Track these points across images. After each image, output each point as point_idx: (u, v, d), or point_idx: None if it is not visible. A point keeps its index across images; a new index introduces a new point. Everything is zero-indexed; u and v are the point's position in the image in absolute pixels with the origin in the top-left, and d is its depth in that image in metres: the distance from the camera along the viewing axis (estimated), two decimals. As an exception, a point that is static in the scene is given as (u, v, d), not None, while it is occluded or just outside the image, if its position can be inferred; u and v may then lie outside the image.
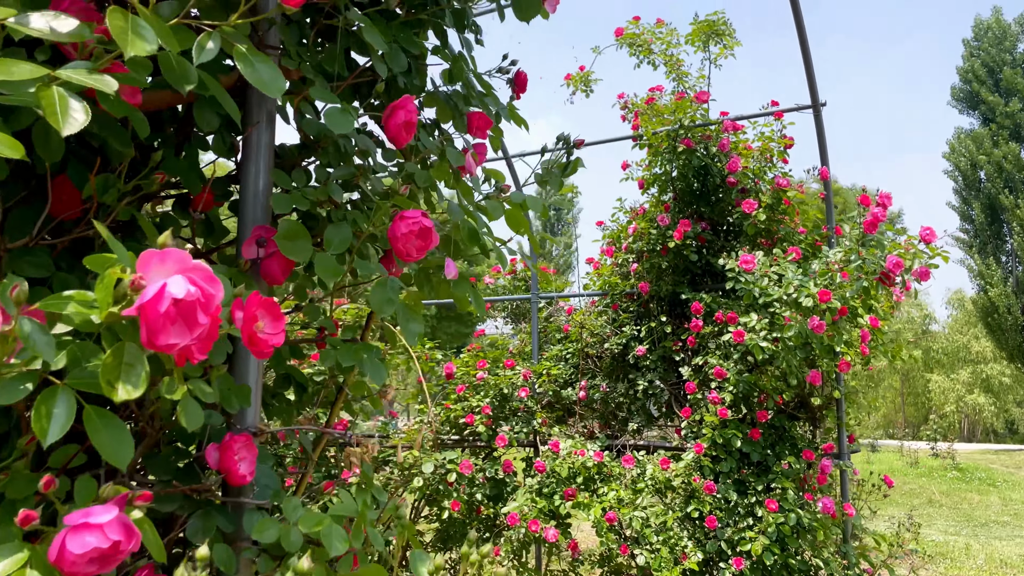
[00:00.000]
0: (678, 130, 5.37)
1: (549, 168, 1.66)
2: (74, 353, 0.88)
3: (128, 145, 1.08)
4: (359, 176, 1.28)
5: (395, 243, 1.17)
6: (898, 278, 4.11)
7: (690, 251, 5.39)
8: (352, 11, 1.23)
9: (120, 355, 0.84)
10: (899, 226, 4.67)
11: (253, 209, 1.27)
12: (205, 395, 0.99)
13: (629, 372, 5.79)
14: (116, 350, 0.84)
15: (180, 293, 0.78)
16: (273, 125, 1.32)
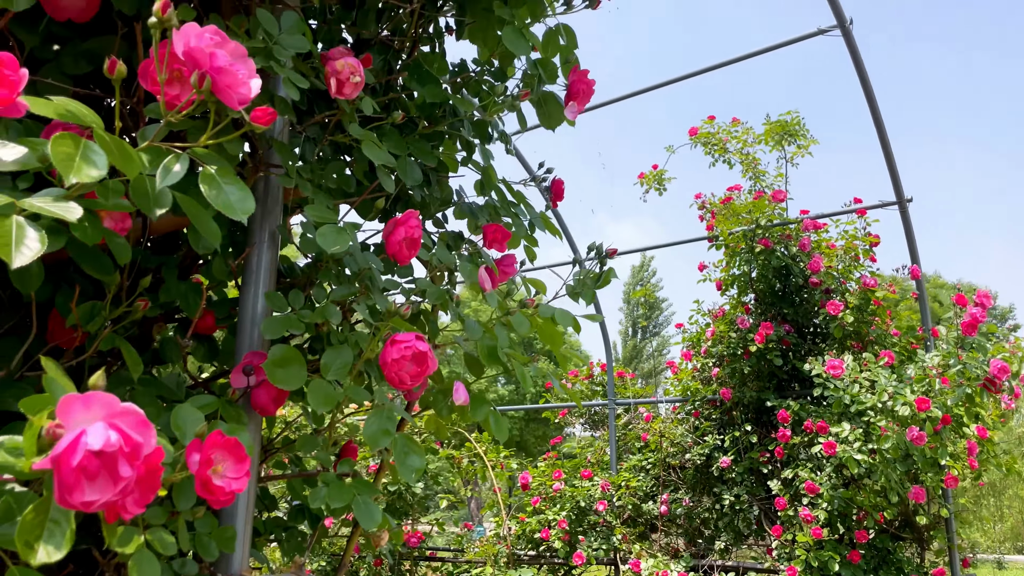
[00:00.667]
0: (755, 230, 5.19)
1: (583, 279, 1.55)
2: (8, 504, 0.80)
3: (110, 272, 1.03)
4: (362, 295, 1.20)
5: (386, 369, 1.07)
6: (1005, 383, 3.74)
7: (774, 355, 5.11)
8: (353, 126, 1.19)
9: (44, 511, 0.76)
10: (1011, 323, 4.31)
11: (250, 334, 1.21)
12: (166, 546, 0.89)
13: (714, 485, 5.43)
14: (40, 505, 0.76)
15: (98, 444, 0.69)
16: (276, 245, 1.27)
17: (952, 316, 3.91)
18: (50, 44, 1.22)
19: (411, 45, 1.47)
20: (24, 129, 1.07)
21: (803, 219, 5.15)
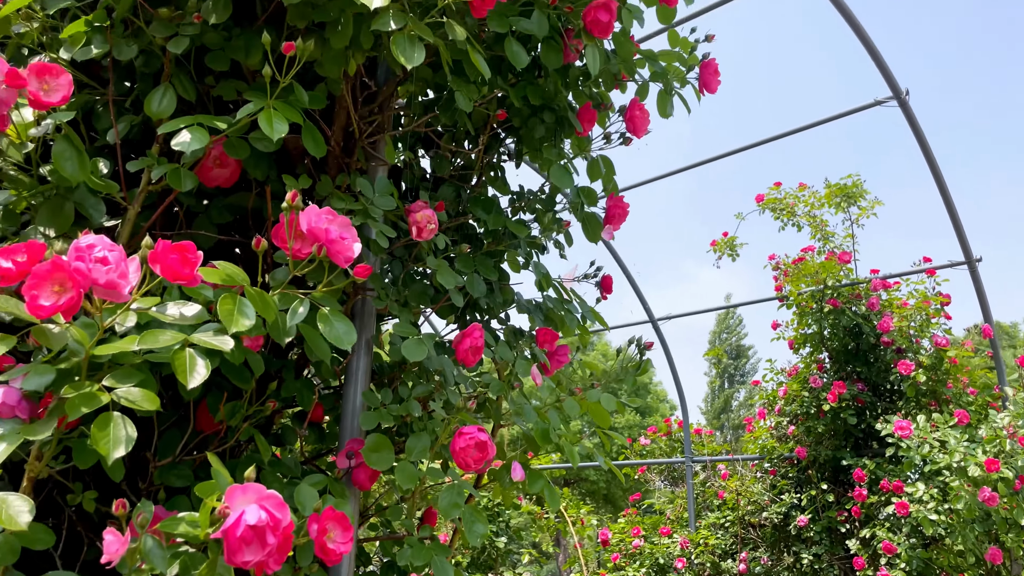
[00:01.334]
0: (824, 290, 5.30)
1: (625, 366, 1.81)
2: (185, 563, 1.11)
3: (248, 381, 1.36)
4: (437, 390, 1.50)
5: (455, 456, 1.36)
6: (1078, 446, 3.74)
7: (848, 414, 5.17)
8: (429, 259, 1.50)
9: (213, 568, 1.07)
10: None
11: (351, 423, 1.52)
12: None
13: (793, 544, 5.46)
14: (210, 563, 1.06)
15: (253, 520, 0.99)
16: (371, 351, 1.58)
17: (1018, 377, 3.94)
18: (201, 200, 1.59)
19: (477, 178, 1.79)
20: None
21: (872, 279, 5.24)
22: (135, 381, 1.14)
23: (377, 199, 1.43)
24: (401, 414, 1.43)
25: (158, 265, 1.09)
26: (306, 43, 1.29)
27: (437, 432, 1.46)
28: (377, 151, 1.61)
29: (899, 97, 4.34)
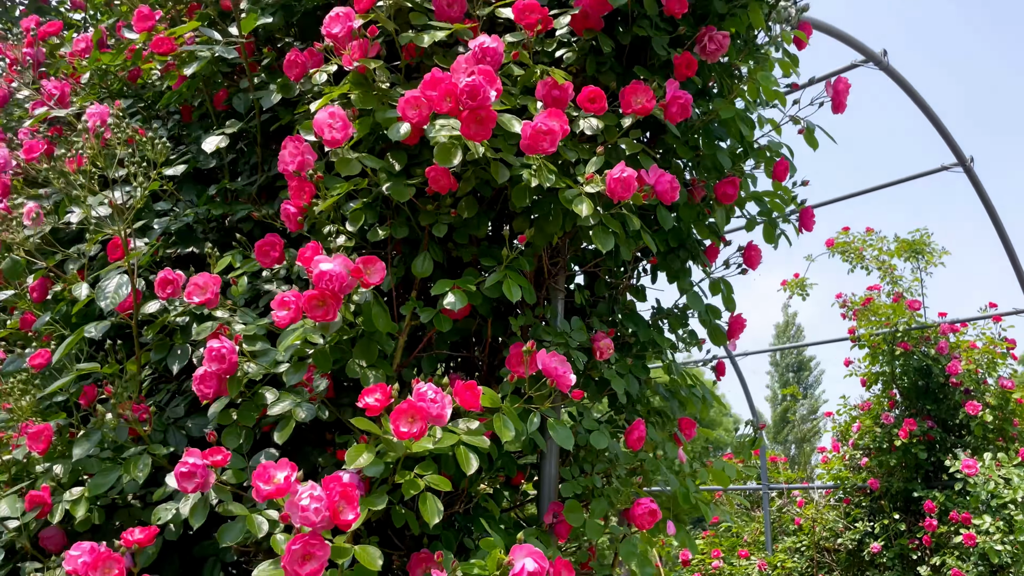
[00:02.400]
0: (895, 333, 5.71)
1: (742, 442, 2.32)
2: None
3: (487, 465, 1.93)
4: (613, 468, 2.05)
5: (634, 520, 1.91)
6: None
7: (919, 448, 5.56)
8: (605, 368, 2.06)
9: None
10: None
11: (548, 489, 2.08)
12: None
13: (866, 569, 5.86)
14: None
15: (532, 568, 1.55)
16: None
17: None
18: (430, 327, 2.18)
19: (624, 298, 2.35)
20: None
21: (940, 323, 5.63)
22: (432, 470, 1.72)
23: (574, 333, 2.01)
24: (587, 485, 2.00)
25: (458, 396, 1.68)
26: (529, 231, 1.88)
27: (611, 498, 2.02)
28: (558, 285, 2.19)
29: (964, 164, 4.76)
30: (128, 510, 2.10)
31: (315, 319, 1.74)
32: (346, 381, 2.09)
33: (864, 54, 3.99)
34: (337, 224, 2.04)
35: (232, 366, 1.81)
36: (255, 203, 2.42)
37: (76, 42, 2.93)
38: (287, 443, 1.82)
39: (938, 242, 5.72)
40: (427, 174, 1.85)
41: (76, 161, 2.19)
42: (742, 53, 2.21)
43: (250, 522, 1.68)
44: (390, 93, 1.93)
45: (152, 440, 1.99)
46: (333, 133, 1.79)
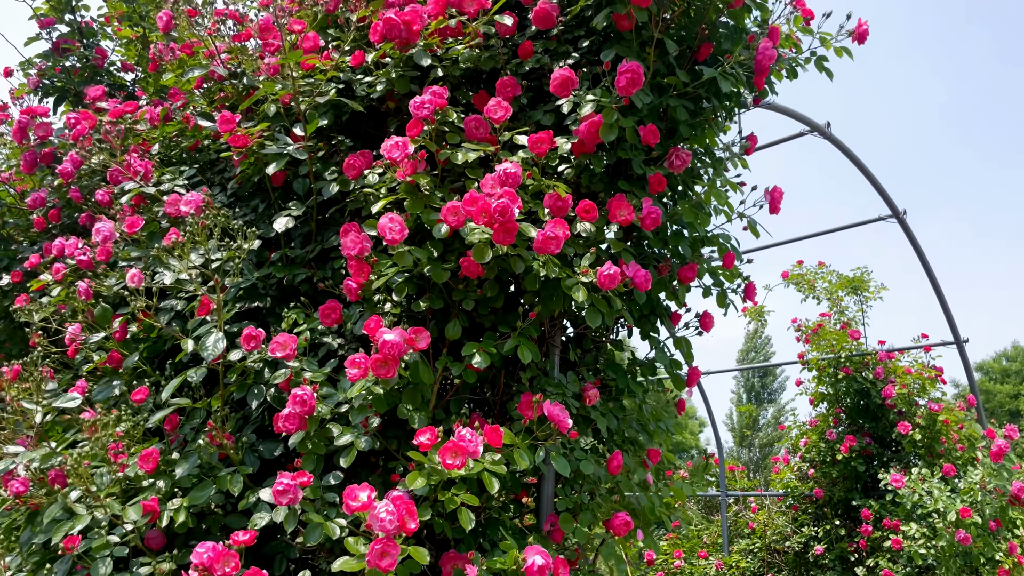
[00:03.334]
0: (839, 359, 6.40)
1: (697, 465, 2.93)
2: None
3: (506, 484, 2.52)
4: (596, 488, 2.65)
5: (614, 529, 2.51)
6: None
7: (858, 462, 6.25)
8: (592, 411, 2.67)
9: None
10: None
11: (547, 505, 2.66)
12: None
13: (811, 569, 6.55)
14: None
15: (541, 563, 2.13)
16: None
17: (985, 445, 5.01)
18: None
19: (605, 351, 2.95)
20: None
21: (878, 351, 6.33)
22: (463, 490, 2.31)
23: (569, 385, 2.61)
24: (577, 501, 2.60)
25: (486, 437, 2.27)
26: (537, 307, 2.47)
27: (594, 511, 2.62)
28: (555, 343, 2.78)
29: (898, 216, 5.45)
30: (213, 517, 2.65)
31: (378, 375, 2.32)
32: (387, 417, 2.66)
33: (811, 126, 4.64)
34: (385, 295, 2.63)
35: (311, 408, 2.38)
36: (310, 267, 2.99)
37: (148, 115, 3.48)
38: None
39: (877, 279, 6.43)
40: (460, 263, 2.44)
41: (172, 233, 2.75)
42: (703, 161, 2.83)
43: (327, 528, 2.26)
44: (432, 197, 2.51)
45: (229, 464, 2.56)
46: (392, 235, 2.37)
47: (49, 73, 4.07)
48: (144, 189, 3.04)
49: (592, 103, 2.49)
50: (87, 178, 3.64)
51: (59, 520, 2.51)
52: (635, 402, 2.92)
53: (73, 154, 3.53)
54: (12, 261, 4.10)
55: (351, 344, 2.77)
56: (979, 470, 5.15)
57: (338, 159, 2.99)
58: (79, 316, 3.11)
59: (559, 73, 2.53)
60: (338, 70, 2.92)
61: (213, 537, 2.58)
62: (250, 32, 3.05)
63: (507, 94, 2.66)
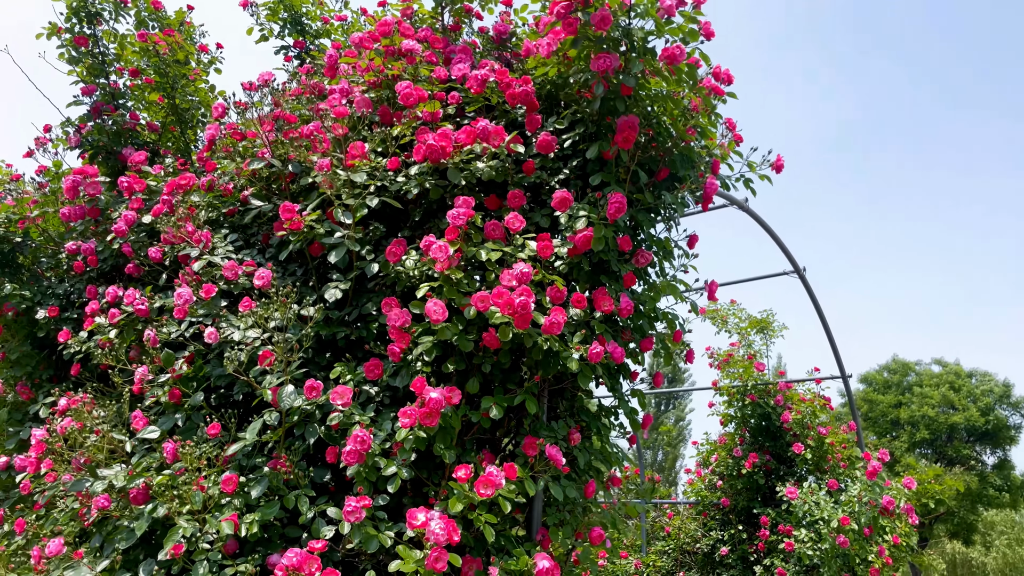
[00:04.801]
0: (745, 387, 7.46)
1: (644, 487, 3.80)
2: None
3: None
4: (575, 507, 3.48)
5: (591, 539, 3.34)
6: (896, 510, 5.94)
7: (759, 476, 7.32)
8: (573, 448, 3.50)
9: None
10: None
11: (536, 520, 3.47)
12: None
13: (717, 567, 7.58)
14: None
15: (547, 566, 2.91)
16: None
17: (861, 466, 6.12)
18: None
19: (582, 400, 3.79)
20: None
21: (778, 382, 7.42)
22: (485, 510, 3.09)
23: (559, 431, 3.42)
24: (561, 517, 3.42)
25: (506, 472, 3.06)
26: (539, 371, 3.29)
27: (574, 526, 3.45)
28: (544, 395, 3.60)
29: (798, 271, 6.52)
30: (274, 528, 3.35)
31: (424, 423, 3.08)
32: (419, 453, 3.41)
33: (732, 202, 5.60)
34: (419, 357, 3.39)
35: (368, 446, 3.12)
36: (349, 326, 3.71)
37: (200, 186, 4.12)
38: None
39: (780, 320, 7.53)
40: (484, 337, 3.23)
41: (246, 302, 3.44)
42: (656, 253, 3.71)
43: (381, 538, 3.01)
44: (462, 285, 3.29)
45: (288, 486, 3.27)
46: (436, 316, 3.13)
47: (92, 134, 4.61)
48: (210, 258, 3.69)
49: (584, 219, 3.32)
50: (133, 234, 4.24)
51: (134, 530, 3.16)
52: (598, 439, 3.76)
53: (127, 214, 4.13)
54: (44, 296, 4.63)
55: (386, 392, 3.51)
56: (857, 485, 6.25)
57: (370, 238, 3.72)
58: (145, 359, 3.74)
59: (560, 194, 3.35)
60: (375, 169, 3.65)
61: (275, 546, 3.29)
62: (302, 132, 3.74)
63: (516, 204, 3.47)
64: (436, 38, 4.13)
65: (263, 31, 5.26)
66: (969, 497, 30.72)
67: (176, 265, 4.14)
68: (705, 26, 3.36)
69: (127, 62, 4.77)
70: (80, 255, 4.43)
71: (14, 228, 4.58)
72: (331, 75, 4.25)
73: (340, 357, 3.67)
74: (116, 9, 4.66)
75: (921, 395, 34.81)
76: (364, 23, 5.14)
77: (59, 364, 4.73)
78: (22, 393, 4.52)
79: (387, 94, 3.94)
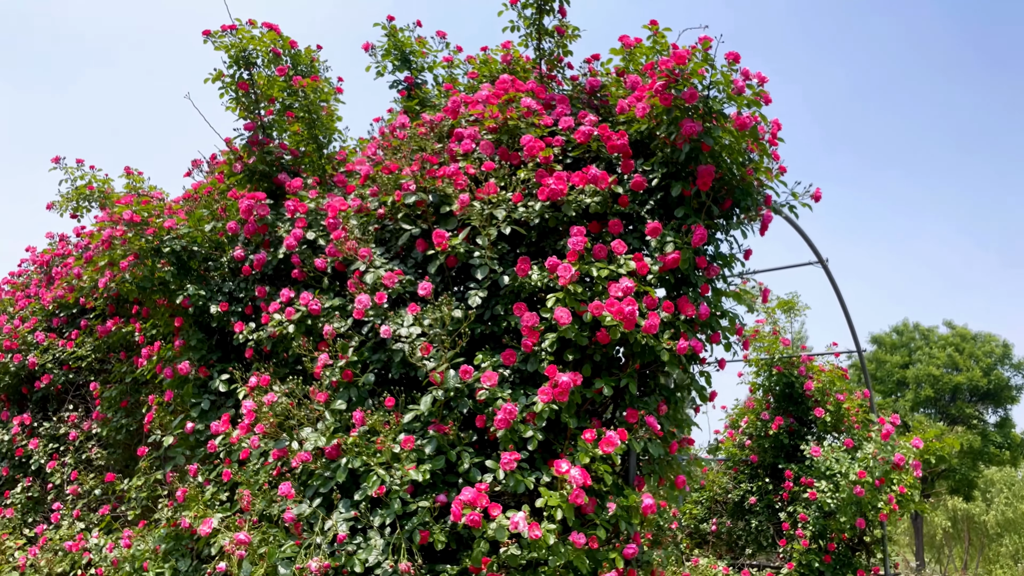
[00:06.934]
0: (772, 359, 8.57)
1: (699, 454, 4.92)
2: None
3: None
4: (660, 461, 4.58)
5: (677, 484, 4.44)
6: (906, 465, 7.08)
7: (784, 436, 8.46)
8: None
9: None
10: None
11: (633, 470, 4.55)
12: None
13: (746, 514, 8.76)
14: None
15: (650, 502, 4.01)
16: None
17: (876, 428, 7.25)
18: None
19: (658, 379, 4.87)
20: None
21: (801, 354, 8.52)
22: (603, 463, 4.21)
23: (651, 403, 4.52)
24: (650, 469, 4.54)
25: (618, 435, 4.17)
26: (634, 360, 4.39)
27: (660, 475, 4.57)
28: (633, 376, 4.69)
29: (821, 261, 7.57)
30: (439, 476, 4.46)
31: (557, 399, 4.18)
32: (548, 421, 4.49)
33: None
34: (544, 348, 4.47)
35: (513, 415, 4.22)
36: (484, 324, 4.78)
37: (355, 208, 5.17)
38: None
39: (804, 302, 8.60)
40: (597, 335, 4.31)
41: (413, 307, 4.52)
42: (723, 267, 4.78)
43: (528, 482, 4.13)
44: (580, 296, 4.36)
45: (449, 444, 4.39)
46: (564, 320, 4.21)
47: (257, 164, 5.67)
48: (378, 271, 4.77)
49: (672, 244, 4.39)
50: (299, 247, 5.31)
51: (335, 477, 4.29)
52: (675, 410, 4.87)
53: (296, 231, 5.20)
54: (213, 294, 5.73)
55: (516, 374, 4.60)
56: (872, 445, 7.38)
57: (498, 255, 4.78)
58: (328, 349, 4.84)
59: (652, 225, 4.41)
60: (502, 201, 4.71)
61: (439, 488, 4.41)
62: (445, 172, 4.79)
63: (616, 230, 4.53)
64: (540, 89, 5.15)
65: (378, 68, 6.28)
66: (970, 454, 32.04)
67: (335, 272, 5.22)
68: (765, 96, 4.38)
69: (277, 98, 5.80)
70: (247, 261, 5.51)
71: (190, 238, 5.66)
72: (453, 116, 5.28)
73: (476, 348, 4.75)
74: (268, 59, 5.69)
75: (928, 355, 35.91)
76: (466, 62, 6.14)
77: (225, 348, 5.84)
78: (201, 372, 5.64)
79: (506, 138, 4.97)
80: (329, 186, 5.92)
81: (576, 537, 3.94)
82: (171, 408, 5.80)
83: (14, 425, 7.52)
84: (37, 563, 6.28)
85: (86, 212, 7.27)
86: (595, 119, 4.78)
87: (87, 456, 7.06)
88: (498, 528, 3.94)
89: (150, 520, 5.87)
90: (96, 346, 7.20)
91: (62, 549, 6.31)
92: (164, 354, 5.87)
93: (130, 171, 7.44)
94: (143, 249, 5.48)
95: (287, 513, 4.40)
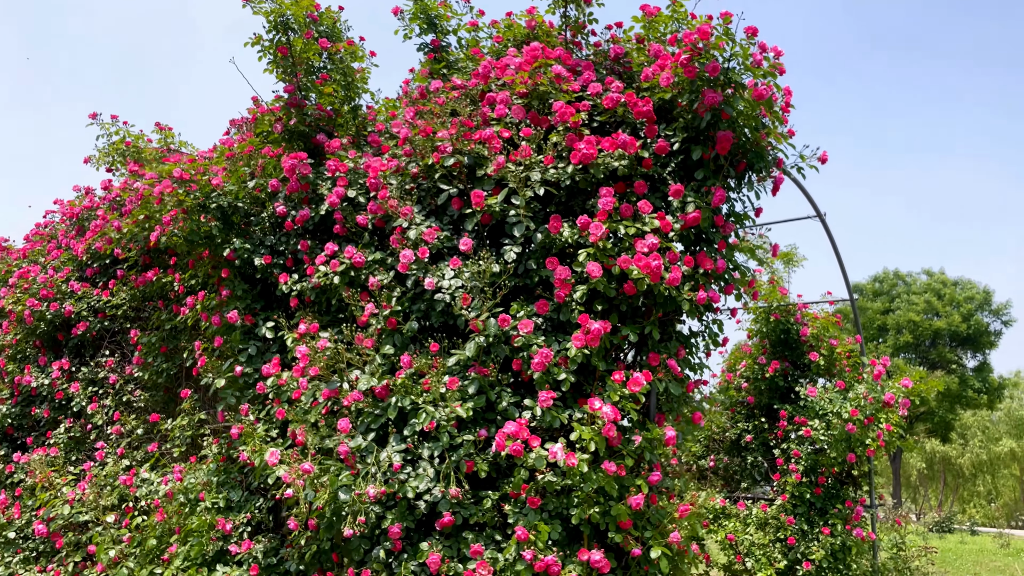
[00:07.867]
0: (770, 307, 9.08)
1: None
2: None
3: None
4: (678, 399, 5.07)
5: (695, 420, 4.94)
6: (894, 404, 7.66)
7: (779, 379, 9.02)
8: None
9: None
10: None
11: (654, 408, 5.04)
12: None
13: (742, 451, 9.38)
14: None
15: (672, 433, 4.52)
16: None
17: (868, 369, 7.80)
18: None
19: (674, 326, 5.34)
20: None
21: (797, 302, 9.03)
22: (630, 401, 4.70)
23: (671, 348, 4.99)
24: (669, 407, 5.04)
25: (643, 376, 4.65)
26: (656, 309, 4.85)
27: (677, 412, 5.07)
28: (655, 325, 5.15)
29: (819, 215, 8.02)
30: (479, 413, 4.94)
31: (589, 344, 4.64)
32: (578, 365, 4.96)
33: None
34: (575, 299, 4.92)
35: (549, 359, 4.69)
36: (519, 277, 5.20)
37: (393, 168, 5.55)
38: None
39: (801, 253, 9.07)
40: (624, 287, 4.76)
41: (454, 261, 4.95)
42: (737, 224, 5.21)
43: (562, 418, 4.63)
44: (609, 251, 4.79)
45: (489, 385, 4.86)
46: (595, 273, 4.65)
47: (298, 125, 6.01)
48: (419, 227, 5.17)
49: (692, 204, 4.81)
50: (341, 204, 5.69)
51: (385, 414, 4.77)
52: (690, 354, 5.35)
53: (338, 189, 5.58)
54: (256, 247, 6.11)
55: (548, 323, 5.05)
56: (863, 386, 7.94)
57: (531, 212, 5.18)
58: (371, 299, 5.26)
59: (675, 187, 4.83)
60: (535, 164, 5.09)
61: (480, 425, 4.89)
62: (480, 135, 5.16)
63: (641, 191, 4.95)
64: (566, 56, 5.49)
65: (406, 31, 6.58)
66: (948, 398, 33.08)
67: (375, 228, 5.62)
68: (780, 67, 4.77)
69: (315, 61, 6.11)
70: (289, 217, 5.89)
71: (233, 195, 6.02)
72: (484, 81, 5.62)
73: (511, 299, 5.19)
74: (304, 23, 5.98)
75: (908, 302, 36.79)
76: (490, 26, 6.45)
77: (268, 298, 6.26)
78: (247, 319, 6.06)
79: (536, 103, 5.34)
80: (361, 145, 6.27)
81: (607, 465, 4.45)
82: (217, 353, 6.22)
83: (54, 370, 7.92)
84: (85, 497, 6.73)
85: (120, 166, 7.59)
86: (621, 86, 5.14)
87: (127, 399, 7.49)
88: (538, 457, 4.44)
89: (199, 456, 6.35)
90: (132, 295, 7.58)
91: (109, 484, 6.78)
92: (208, 303, 6.26)
93: (161, 126, 7.74)
94: (191, 205, 5.85)
95: (342, 447, 4.88)
